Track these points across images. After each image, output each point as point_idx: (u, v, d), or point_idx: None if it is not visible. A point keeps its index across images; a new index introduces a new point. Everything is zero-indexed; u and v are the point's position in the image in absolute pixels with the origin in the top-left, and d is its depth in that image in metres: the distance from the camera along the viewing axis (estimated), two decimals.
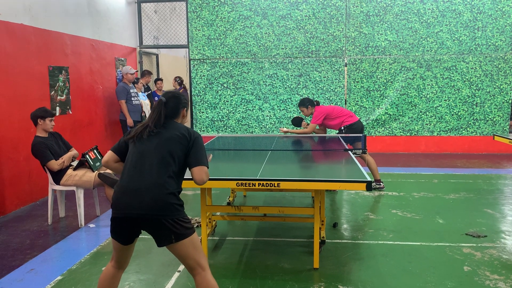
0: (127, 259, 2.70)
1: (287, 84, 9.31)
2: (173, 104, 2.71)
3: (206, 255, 3.82)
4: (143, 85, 8.58)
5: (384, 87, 9.19)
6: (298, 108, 6.68)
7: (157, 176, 2.49)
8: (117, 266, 2.67)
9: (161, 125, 2.63)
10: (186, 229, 2.53)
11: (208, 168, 2.64)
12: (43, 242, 4.47)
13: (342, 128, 6.37)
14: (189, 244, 2.52)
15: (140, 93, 8.23)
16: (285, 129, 6.66)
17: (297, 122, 6.73)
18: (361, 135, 6.05)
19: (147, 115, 8.26)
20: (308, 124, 6.54)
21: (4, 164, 5.39)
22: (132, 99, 7.92)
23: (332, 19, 9.08)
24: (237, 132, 9.43)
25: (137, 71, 8.42)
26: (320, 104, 6.69)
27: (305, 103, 6.47)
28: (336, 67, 9.20)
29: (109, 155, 2.72)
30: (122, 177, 2.56)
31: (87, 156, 4.92)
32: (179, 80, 9.29)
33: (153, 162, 2.52)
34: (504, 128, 8.98)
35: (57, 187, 4.95)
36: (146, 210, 2.45)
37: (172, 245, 2.51)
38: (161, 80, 9.52)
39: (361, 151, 5.58)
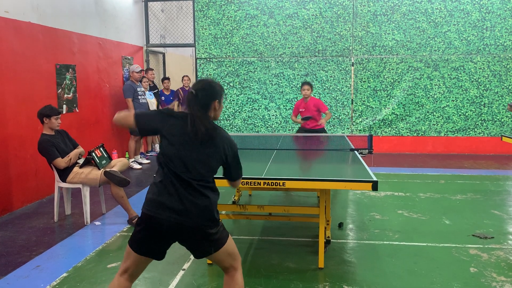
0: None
1: (294, 84, 9.30)
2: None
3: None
4: (149, 84, 8.60)
5: (391, 87, 9.14)
6: (302, 86, 6.59)
7: None
8: (131, 279, 2.52)
9: None
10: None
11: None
12: (49, 239, 4.49)
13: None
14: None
15: (147, 92, 8.25)
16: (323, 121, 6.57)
17: (306, 118, 6.61)
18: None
19: None
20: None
21: (11, 161, 5.43)
22: (139, 97, 7.94)
23: (339, 18, 9.05)
24: (243, 131, 9.43)
25: (143, 70, 8.44)
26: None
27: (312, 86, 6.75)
28: (342, 66, 9.17)
29: None
30: None
31: (93, 154, 4.93)
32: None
33: None
34: None
35: (63, 185, 4.97)
36: None
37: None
38: (168, 79, 9.54)
39: (367, 151, 5.54)
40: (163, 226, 2.35)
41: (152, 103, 8.34)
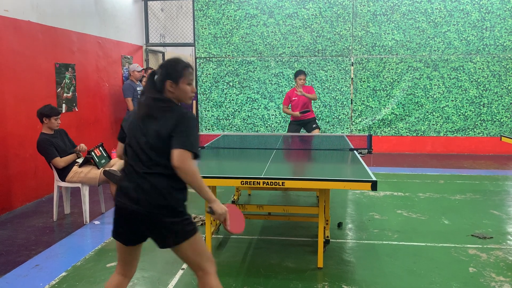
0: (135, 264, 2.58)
1: (293, 83, 9.28)
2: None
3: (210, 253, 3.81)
4: None
5: (390, 87, 9.14)
6: (296, 76, 6.88)
7: None
8: (123, 272, 2.55)
9: None
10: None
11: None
12: (48, 238, 4.49)
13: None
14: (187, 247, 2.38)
15: None
16: (305, 94, 6.79)
17: (304, 111, 6.90)
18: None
19: None
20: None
21: (11, 160, 5.43)
22: (139, 96, 7.94)
23: (339, 18, 9.05)
24: (242, 131, 9.43)
25: (144, 69, 8.44)
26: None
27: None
28: (342, 66, 9.17)
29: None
30: None
31: (93, 153, 4.93)
32: None
33: None
34: None
35: (63, 184, 4.97)
36: None
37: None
38: None
39: (366, 150, 5.54)
40: (124, 214, 2.37)
41: None
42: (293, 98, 6.87)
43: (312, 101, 7.20)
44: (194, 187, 2.33)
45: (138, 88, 7.94)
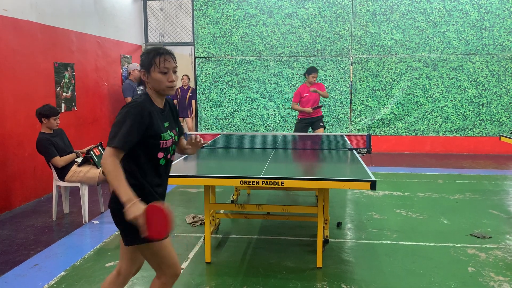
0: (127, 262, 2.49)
1: (292, 83, 9.29)
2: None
3: (209, 253, 3.82)
4: None
5: (389, 87, 9.15)
6: (309, 74, 6.80)
7: None
8: (120, 270, 2.50)
9: None
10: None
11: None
12: (47, 238, 4.48)
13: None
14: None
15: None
16: (318, 91, 6.85)
17: (317, 107, 6.95)
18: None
19: None
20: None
21: (10, 160, 5.42)
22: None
23: (338, 18, 9.05)
24: (241, 131, 9.43)
25: None
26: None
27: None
28: (341, 66, 9.17)
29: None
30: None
31: (92, 152, 4.93)
32: None
33: None
34: (511, 129, 8.93)
35: (62, 183, 4.96)
36: None
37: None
38: None
39: (365, 150, 5.54)
40: None
41: None
42: (305, 95, 6.83)
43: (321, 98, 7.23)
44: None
45: (137, 88, 7.94)
